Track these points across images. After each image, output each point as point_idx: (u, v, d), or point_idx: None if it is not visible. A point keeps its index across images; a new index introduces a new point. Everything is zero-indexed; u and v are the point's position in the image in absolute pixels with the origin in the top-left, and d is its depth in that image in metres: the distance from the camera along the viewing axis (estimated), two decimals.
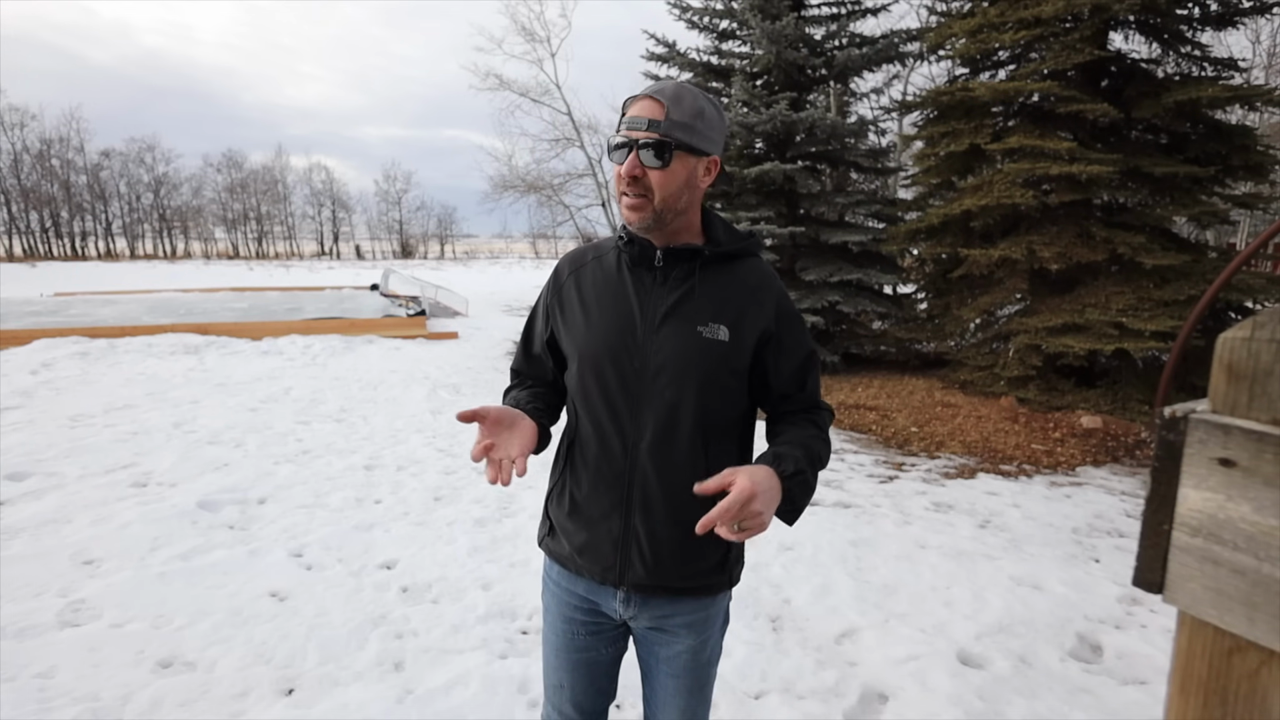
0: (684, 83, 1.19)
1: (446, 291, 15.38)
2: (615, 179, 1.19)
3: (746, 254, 1.29)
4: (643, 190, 1.16)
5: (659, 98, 1.15)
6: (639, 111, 1.15)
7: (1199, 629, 0.51)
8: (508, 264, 43.20)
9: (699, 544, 1.22)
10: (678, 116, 1.15)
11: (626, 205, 1.19)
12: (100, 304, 14.38)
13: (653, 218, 1.18)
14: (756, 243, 1.31)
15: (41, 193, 47.66)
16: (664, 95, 1.15)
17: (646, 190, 1.16)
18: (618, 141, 1.17)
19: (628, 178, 1.15)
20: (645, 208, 1.18)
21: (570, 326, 1.28)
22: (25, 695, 2.18)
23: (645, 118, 1.14)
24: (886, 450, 5.34)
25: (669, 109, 1.14)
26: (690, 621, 1.30)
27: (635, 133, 1.15)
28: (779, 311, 1.26)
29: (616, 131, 1.18)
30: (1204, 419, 0.49)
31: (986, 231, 7.06)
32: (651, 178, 1.16)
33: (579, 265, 1.32)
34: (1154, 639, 2.70)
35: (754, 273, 1.28)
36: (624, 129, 1.16)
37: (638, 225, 1.20)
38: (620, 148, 1.17)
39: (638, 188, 1.16)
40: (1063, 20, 6.32)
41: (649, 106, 1.15)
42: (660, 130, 1.14)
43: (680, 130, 1.15)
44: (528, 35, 20.56)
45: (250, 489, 4.05)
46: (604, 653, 1.38)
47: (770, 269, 1.32)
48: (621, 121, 1.18)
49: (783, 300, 1.28)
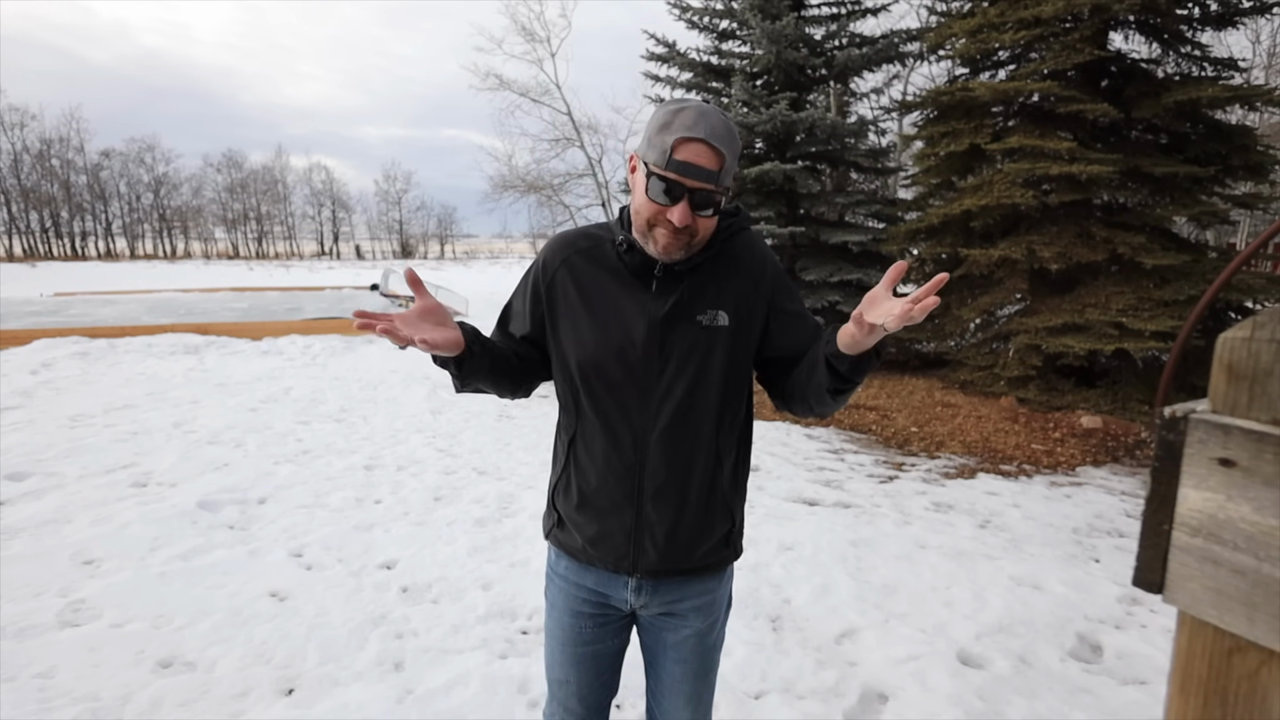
0: (721, 114, 1.13)
1: (446, 291, 15.32)
2: (650, 212, 1.14)
3: (737, 230, 1.28)
4: (686, 234, 1.15)
5: (719, 147, 1.10)
6: (696, 158, 1.09)
7: (1199, 629, 0.51)
8: (508, 264, 43.22)
9: (709, 525, 1.28)
10: (730, 164, 1.13)
11: (664, 244, 1.16)
12: (100, 304, 14.39)
13: (684, 252, 1.19)
14: (745, 218, 1.29)
15: (41, 193, 47.69)
16: (721, 143, 1.10)
17: (689, 233, 1.16)
18: (669, 179, 1.10)
19: (680, 225, 1.12)
20: (683, 243, 1.17)
21: (568, 323, 1.26)
22: (25, 695, 2.18)
23: (705, 168, 1.09)
24: (886, 450, 5.34)
25: (726, 157, 1.11)
26: (699, 605, 1.33)
27: (692, 182, 1.10)
28: (775, 283, 1.28)
29: (662, 169, 1.11)
30: (1204, 419, 0.49)
31: (986, 231, 7.06)
32: (699, 223, 1.15)
33: (572, 253, 1.28)
34: (1154, 639, 2.70)
35: (744, 247, 1.28)
36: (675, 172, 1.10)
37: (669, 258, 1.19)
38: (669, 187, 1.11)
39: (684, 232, 1.15)
40: (1063, 20, 6.32)
41: (709, 156, 1.09)
42: (717, 183, 1.11)
43: (729, 178, 1.14)
44: (528, 35, 20.54)
45: (250, 489, 4.04)
46: (609, 645, 1.40)
47: (758, 239, 1.32)
48: (670, 161, 1.10)
49: (776, 272, 1.29)
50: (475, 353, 1.19)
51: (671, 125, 1.10)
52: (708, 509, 1.27)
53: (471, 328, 1.22)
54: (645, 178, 1.13)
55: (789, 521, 3.79)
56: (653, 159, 1.12)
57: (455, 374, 1.20)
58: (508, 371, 1.28)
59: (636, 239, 1.20)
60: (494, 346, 1.27)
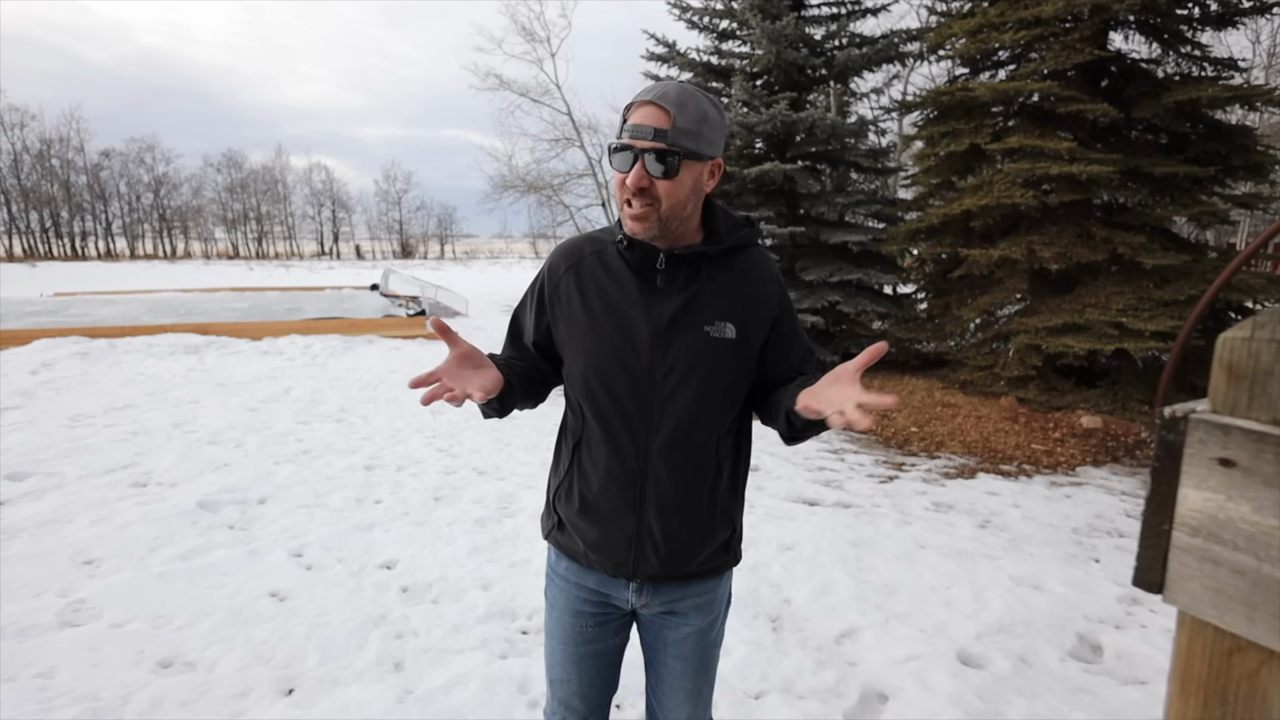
0: (686, 85, 1.15)
1: (446, 291, 15.39)
2: (618, 186, 1.16)
3: (748, 243, 1.28)
4: (649, 200, 1.14)
5: (664, 104, 1.10)
6: (643, 119, 1.11)
7: (1199, 629, 0.51)
8: (508, 264, 43.21)
9: (709, 532, 1.28)
10: (683, 124, 1.11)
11: (631, 215, 1.15)
12: (100, 304, 14.39)
13: (657, 227, 1.16)
14: (756, 231, 1.29)
15: (41, 193, 47.70)
16: (668, 101, 1.11)
17: (653, 200, 1.14)
18: (620, 147, 1.13)
19: (634, 188, 1.12)
20: (650, 217, 1.15)
21: (572, 328, 1.26)
22: (25, 695, 2.18)
23: (651, 126, 1.10)
24: (886, 450, 5.34)
25: (675, 116, 1.10)
26: (699, 604, 1.34)
27: (640, 141, 1.11)
28: (781, 304, 1.28)
29: (619, 136, 1.14)
30: (1204, 419, 0.49)
31: (986, 231, 7.06)
32: (658, 187, 1.13)
33: (576, 260, 1.28)
34: (1154, 639, 2.70)
35: (755, 264, 1.27)
36: (627, 135, 1.12)
37: (643, 235, 1.17)
38: (623, 155, 1.12)
39: (644, 198, 1.13)
40: (1063, 20, 6.32)
41: (654, 114, 1.11)
42: (667, 139, 1.10)
43: (686, 138, 1.12)
44: (528, 35, 20.54)
45: (250, 489, 4.04)
46: (610, 643, 1.40)
47: (768, 256, 1.32)
48: (624, 127, 1.13)
49: (782, 292, 1.29)
50: (513, 384, 1.22)
51: (631, 102, 1.16)
52: (708, 517, 1.27)
53: (501, 358, 1.26)
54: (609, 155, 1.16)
55: (789, 521, 3.79)
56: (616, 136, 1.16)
57: (496, 410, 1.24)
58: (534, 388, 1.32)
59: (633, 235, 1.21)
60: (520, 368, 1.29)
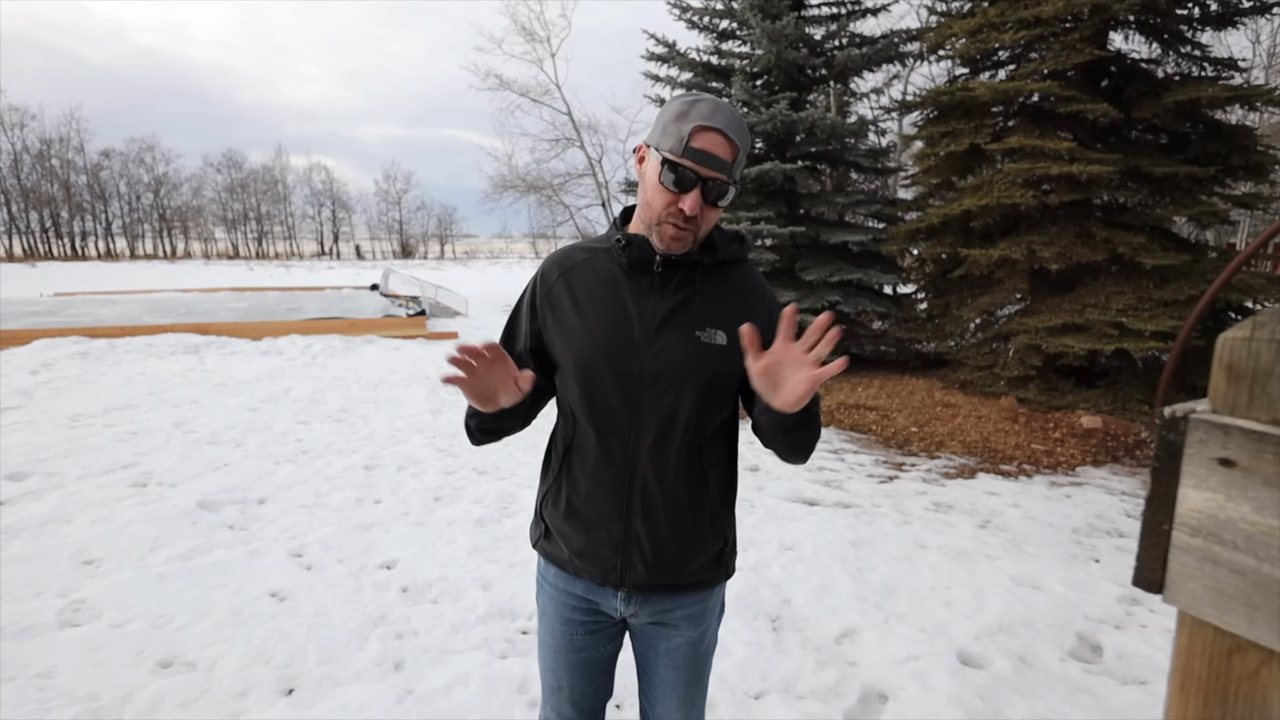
0: (735, 109, 1.14)
1: (446, 291, 15.38)
2: (663, 203, 1.13)
3: (739, 259, 1.29)
4: (693, 225, 1.15)
5: (734, 139, 1.11)
6: (713, 147, 1.09)
7: (1199, 629, 0.51)
8: (508, 264, 43.19)
9: (698, 541, 1.27)
10: (741, 158, 1.13)
11: (671, 235, 1.15)
12: (100, 304, 14.39)
13: (692, 245, 1.19)
14: (747, 247, 1.31)
15: (41, 193, 47.71)
16: (736, 135, 1.10)
17: (696, 225, 1.15)
18: (682, 167, 1.10)
19: (690, 214, 1.12)
20: (688, 239, 1.17)
21: (564, 330, 1.25)
22: (25, 695, 2.18)
23: (720, 157, 1.10)
24: (886, 450, 5.34)
25: (739, 150, 1.12)
26: (690, 614, 1.32)
27: (707, 170, 1.10)
28: (772, 320, 1.27)
29: (678, 156, 1.10)
30: (1204, 419, 0.49)
31: (986, 231, 7.06)
32: (705, 215, 1.15)
33: (568, 266, 1.28)
34: (1154, 639, 2.70)
35: (747, 279, 1.29)
36: (692, 160, 1.09)
37: (676, 251, 1.18)
38: (684, 177, 1.10)
39: (690, 224, 1.14)
40: (1063, 20, 6.32)
41: (724, 145, 1.10)
42: (729, 174, 1.11)
43: (739, 171, 1.14)
44: (528, 35, 20.56)
45: (250, 489, 4.04)
46: (602, 650, 1.39)
47: (758, 273, 1.33)
48: (687, 149, 1.09)
49: (774, 306, 1.29)
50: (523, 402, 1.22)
51: (689, 114, 1.10)
52: (696, 524, 1.26)
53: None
54: (660, 165, 1.12)
55: (789, 521, 3.79)
56: (668, 146, 1.11)
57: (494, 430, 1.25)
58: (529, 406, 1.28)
59: (641, 232, 1.20)
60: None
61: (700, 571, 1.29)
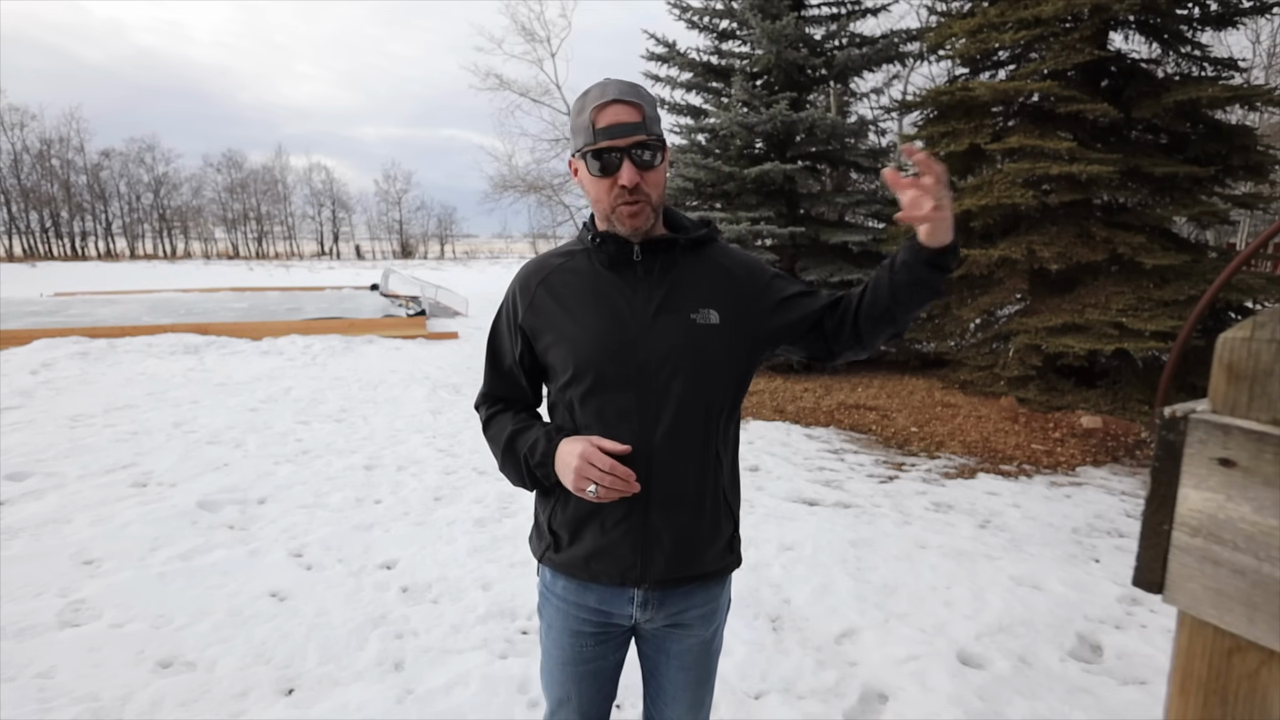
0: (621, 79, 1.18)
1: (446, 291, 15.37)
2: (602, 191, 1.18)
3: (711, 239, 1.31)
4: (640, 195, 1.17)
5: (632, 100, 1.15)
6: (617, 117, 1.14)
7: (1199, 629, 0.51)
8: (508, 264, 43.19)
9: (714, 526, 1.28)
10: (650, 113, 1.17)
11: (628, 214, 1.17)
12: (100, 304, 14.39)
13: (652, 217, 1.20)
14: (715, 229, 1.33)
15: (41, 193, 47.75)
16: (633, 96, 1.15)
17: (644, 194, 1.17)
18: (600, 151, 1.14)
19: (630, 187, 1.15)
20: (644, 211, 1.18)
21: (556, 335, 1.24)
22: (25, 695, 2.18)
23: (628, 122, 1.14)
24: (886, 450, 5.34)
25: (644, 108, 1.15)
26: (703, 613, 1.33)
27: (622, 140, 1.14)
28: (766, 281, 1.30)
29: (593, 143, 1.14)
30: (1204, 419, 0.49)
31: (986, 231, 7.05)
32: (646, 180, 1.17)
33: (546, 273, 1.29)
34: (1154, 639, 2.70)
35: (723, 254, 1.31)
36: (604, 139, 1.14)
37: (641, 228, 1.19)
38: (606, 159, 1.15)
39: (637, 194, 1.16)
40: (1063, 20, 6.31)
41: (625, 111, 1.14)
42: (646, 131, 1.15)
43: (657, 125, 1.17)
44: (528, 35, 20.58)
45: (250, 489, 4.04)
46: (610, 660, 1.38)
47: (734, 247, 1.36)
48: (596, 132, 1.14)
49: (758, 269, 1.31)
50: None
51: (585, 106, 1.16)
52: (713, 510, 1.27)
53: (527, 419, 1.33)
54: (584, 163, 1.17)
55: (789, 521, 3.79)
56: (583, 141, 1.16)
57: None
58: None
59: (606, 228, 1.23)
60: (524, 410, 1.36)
61: (716, 559, 1.30)
